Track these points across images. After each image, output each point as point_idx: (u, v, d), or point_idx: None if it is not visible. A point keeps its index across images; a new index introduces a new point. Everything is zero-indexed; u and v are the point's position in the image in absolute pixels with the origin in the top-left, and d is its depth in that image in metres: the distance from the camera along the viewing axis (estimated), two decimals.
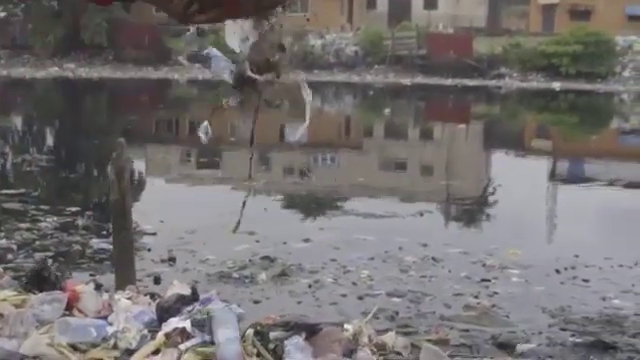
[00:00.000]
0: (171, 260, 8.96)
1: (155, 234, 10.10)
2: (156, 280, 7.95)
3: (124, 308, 4.14)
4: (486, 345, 6.30)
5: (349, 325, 4.53)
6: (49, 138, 22.95)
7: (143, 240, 9.79)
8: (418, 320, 7.06)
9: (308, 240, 10.01)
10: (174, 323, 3.87)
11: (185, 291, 4.47)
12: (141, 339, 3.84)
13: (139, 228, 10.28)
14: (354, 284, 8.20)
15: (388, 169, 18.98)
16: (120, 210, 6.01)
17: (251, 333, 3.83)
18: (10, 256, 8.85)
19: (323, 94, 39.30)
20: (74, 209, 11.29)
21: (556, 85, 42.18)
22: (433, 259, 9.22)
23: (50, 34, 45.87)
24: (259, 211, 12.24)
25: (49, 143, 21.67)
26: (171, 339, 3.76)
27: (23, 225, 10.27)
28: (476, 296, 7.87)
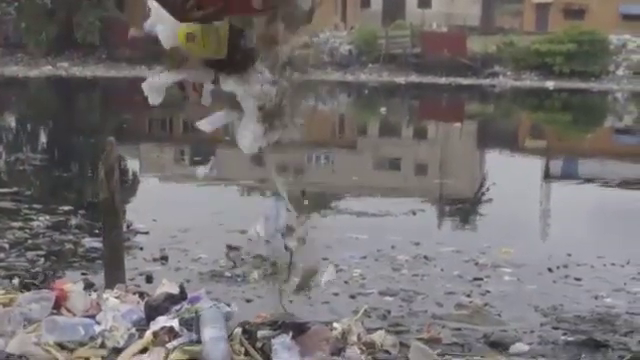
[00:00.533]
0: (163, 259, 8.94)
1: (148, 233, 10.08)
2: (148, 279, 7.93)
3: (112, 307, 4.13)
4: (478, 344, 6.30)
5: (338, 324, 4.52)
6: (42, 137, 22.89)
7: (135, 239, 9.77)
8: (410, 319, 7.06)
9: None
10: (162, 322, 3.86)
11: (174, 290, 4.47)
12: (129, 338, 3.82)
13: (132, 227, 10.28)
14: (346, 283, 8.19)
15: (382, 168, 18.97)
16: (110, 209, 6.00)
17: (239, 332, 3.82)
18: (2, 255, 8.83)
19: (317, 93, 39.29)
20: (67, 208, 11.27)
21: (550, 84, 42.20)
22: (425, 258, 9.21)
23: (43, 33, 45.77)
24: (252, 210, 12.22)
25: (42, 142, 21.62)
26: (159, 338, 3.75)
27: (15, 224, 10.24)
28: (468, 295, 7.86)
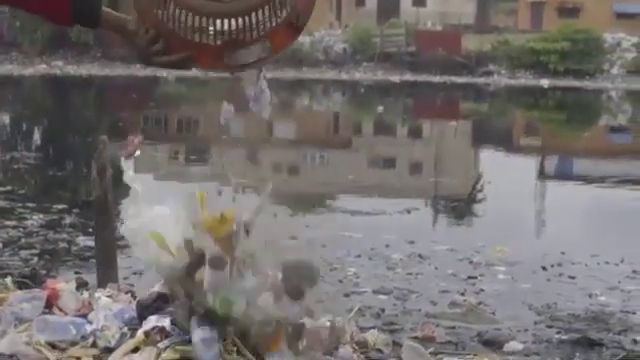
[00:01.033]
0: None
1: None
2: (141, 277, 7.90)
3: (104, 306, 4.11)
4: (472, 342, 6.28)
5: (332, 321, 4.50)
6: (37, 136, 22.85)
7: None
8: (404, 317, 7.04)
9: (294, 238, 9.96)
10: (154, 321, 3.84)
11: (166, 289, 4.44)
12: (120, 337, 3.81)
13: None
14: (340, 281, 8.17)
15: (376, 167, 18.97)
16: (102, 207, 5.98)
17: (232, 331, 3.80)
18: None
19: (312, 92, 39.32)
20: (61, 207, 11.24)
21: (544, 82, 42.28)
22: (420, 256, 9.20)
23: (38, 31, 45.73)
24: (246, 208, 12.22)
25: (37, 141, 21.58)
26: (150, 337, 3.74)
27: (9, 223, 10.22)
28: (462, 293, 7.85)
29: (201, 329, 3.62)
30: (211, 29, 2.36)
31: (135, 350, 3.71)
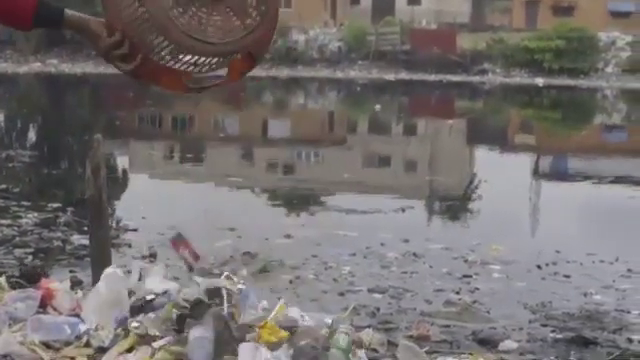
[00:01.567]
0: (152, 256, 8.90)
1: (136, 230, 10.04)
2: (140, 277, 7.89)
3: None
4: (467, 341, 6.28)
5: (327, 321, 4.50)
6: (31, 134, 22.81)
7: (124, 236, 9.74)
8: (399, 316, 7.04)
9: (290, 236, 9.97)
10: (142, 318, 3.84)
11: (160, 288, 4.44)
12: (114, 337, 3.80)
13: (120, 224, 10.25)
14: (335, 280, 8.17)
15: (371, 165, 18.97)
16: (96, 206, 5.97)
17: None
18: None
19: (307, 90, 39.31)
20: (55, 205, 11.21)
21: (539, 81, 42.32)
22: (415, 255, 9.19)
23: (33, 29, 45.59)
24: (241, 207, 12.22)
25: (31, 139, 21.53)
26: (145, 337, 3.73)
27: (4, 221, 10.19)
28: (457, 292, 7.85)
29: (196, 329, 3.61)
30: (180, 57, 2.39)
31: (129, 350, 3.70)
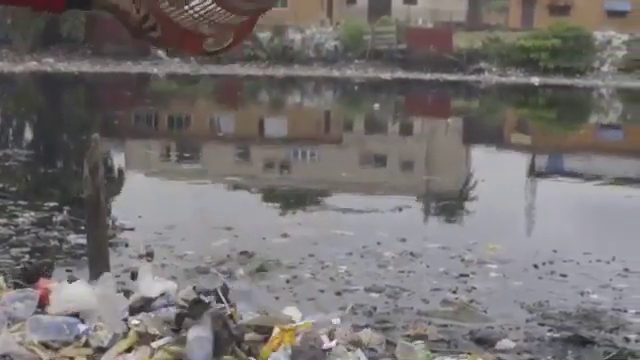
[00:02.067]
0: (149, 255, 8.89)
1: (133, 229, 10.04)
2: (133, 276, 7.88)
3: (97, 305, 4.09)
4: (464, 340, 6.29)
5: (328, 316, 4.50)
6: (28, 133, 22.78)
7: (121, 235, 9.73)
8: (396, 315, 7.04)
9: (286, 235, 9.98)
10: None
11: (159, 289, 4.43)
12: (113, 337, 3.79)
13: (117, 223, 10.24)
14: (332, 279, 8.17)
15: (368, 164, 18.97)
16: (94, 206, 5.96)
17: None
18: None
19: (303, 89, 39.30)
20: (52, 204, 11.21)
21: (535, 80, 42.32)
22: (411, 254, 9.20)
23: (31, 27, 45.55)
24: (238, 206, 12.22)
25: (28, 138, 21.50)
26: (143, 337, 3.73)
27: (0, 220, 10.19)
28: (454, 291, 7.86)
29: (195, 328, 3.61)
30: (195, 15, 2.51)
31: (129, 350, 3.70)
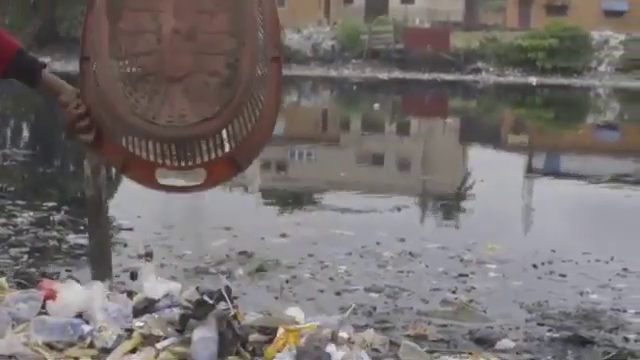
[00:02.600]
0: (148, 255, 8.88)
1: (132, 229, 10.05)
2: (132, 276, 7.88)
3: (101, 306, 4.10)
4: (463, 340, 6.30)
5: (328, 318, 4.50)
6: (26, 133, 22.77)
7: (120, 235, 9.74)
8: (396, 315, 7.06)
9: (285, 235, 9.99)
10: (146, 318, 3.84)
11: (161, 289, 4.43)
12: (118, 338, 3.80)
13: (116, 223, 10.25)
14: (331, 279, 8.18)
15: (366, 164, 18.98)
16: (96, 206, 5.98)
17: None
18: None
19: (300, 89, 39.29)
20: (51, 204, 11.22)
21: (532, 80, 42.36)
22: (411, 254, 9.21)
23: (28, 27, 45.51)
24: (237, 206, 12.22)
25: (26, 138, 21.50)
26: (148, 338, 3.74)
27: None
28: (454, 291, 7.87)
29: (199, 329, 3.62)
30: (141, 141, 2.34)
31: (133, 351, 3.71)
